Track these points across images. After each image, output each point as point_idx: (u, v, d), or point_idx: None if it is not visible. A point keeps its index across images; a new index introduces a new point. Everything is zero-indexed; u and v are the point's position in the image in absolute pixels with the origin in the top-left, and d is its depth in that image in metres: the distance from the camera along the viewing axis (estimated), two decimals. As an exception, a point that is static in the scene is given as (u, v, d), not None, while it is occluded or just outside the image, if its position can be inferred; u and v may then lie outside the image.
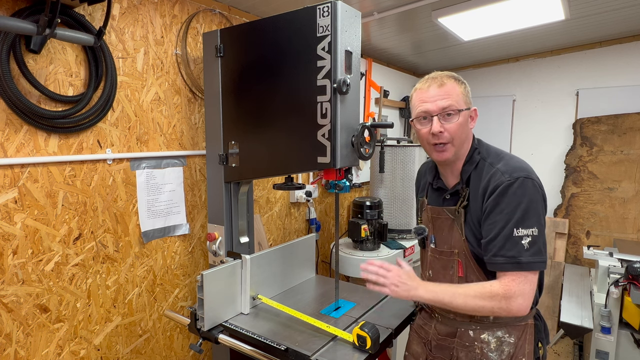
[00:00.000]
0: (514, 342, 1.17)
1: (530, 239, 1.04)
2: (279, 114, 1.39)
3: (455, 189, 1.22)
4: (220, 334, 1.36)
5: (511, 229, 1.05)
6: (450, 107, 1.13)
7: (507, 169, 1.11)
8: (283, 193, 2.54)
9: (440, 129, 1.14)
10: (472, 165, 1.19)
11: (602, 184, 3.21)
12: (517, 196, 1.06)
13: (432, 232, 1.29)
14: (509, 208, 1.06)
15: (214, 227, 1.63)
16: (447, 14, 2.33)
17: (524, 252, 1.04)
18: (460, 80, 1.19)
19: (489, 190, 1.11)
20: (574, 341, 3.04)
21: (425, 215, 1.33)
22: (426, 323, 1.35)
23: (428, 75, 1.21)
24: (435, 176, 1.31)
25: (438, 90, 1.15)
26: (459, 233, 1.19)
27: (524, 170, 1.09)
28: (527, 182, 1.07)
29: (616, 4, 2.41)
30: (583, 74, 3.33)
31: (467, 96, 1.18)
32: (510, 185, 1.07)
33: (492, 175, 1.12)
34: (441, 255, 1.25)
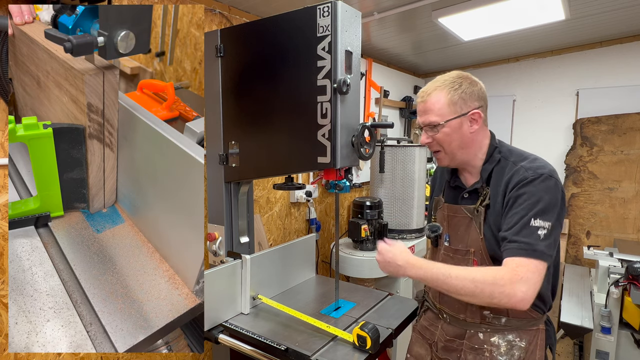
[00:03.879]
0: (525, 346, 1.15)
1: (546, 232, 1.04)
2: (279, 114, 1.40)
3: (474, 187, 1.22)
4: (220, 334, 1.36)
5: (529, 219, 1.05)
6: (430, 122, 1.18)
7: (531, 166, 1.12)
8: (283, 193, 2.54)
9: (428, 140, 1.21)
10: (493, 164, 1.20)
11: (603, 184, 3.21)
12: (540, 190, 1.07)
13: (447, 231, 1.29)
14: (531, 200, 1.07)
15: (214, 227, 1.63)
16: (447, 14, 2.33)
17: (539, 242, 1.03)
18: (450, 88, 1.16)
19: (511, 185, 1.12)
20: (574, 341, 3.04)
21: (440, 213, 1.33)
22: (432, 324, 1.33)
23: (425, 85, 1.24)
24: (453, 175, 1.32)
25: (422, 106, 1.21)
26: (477, 232, 1.18)
27: (548, 169, 1.11)
28: (550, 180, 1.08)
29: (616, 4, 2.41)
30: (583, 74, 3.33)
31: (458, 103, 1.16)
32: (534, 180, 1.08)
33: (515, 172, 1.13)
34: (455, 254, 1.24)
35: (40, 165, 1.37)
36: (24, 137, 1.29)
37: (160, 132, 1.31)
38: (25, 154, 1.71)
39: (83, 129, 1.42)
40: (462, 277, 1.05)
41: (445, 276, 1.07)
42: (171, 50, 2.25)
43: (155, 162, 1.38)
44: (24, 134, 1.29)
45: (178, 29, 2.17)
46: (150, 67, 2.38)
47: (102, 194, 1.59)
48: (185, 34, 2.14)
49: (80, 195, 1.54)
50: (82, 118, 1.40)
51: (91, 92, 1.35)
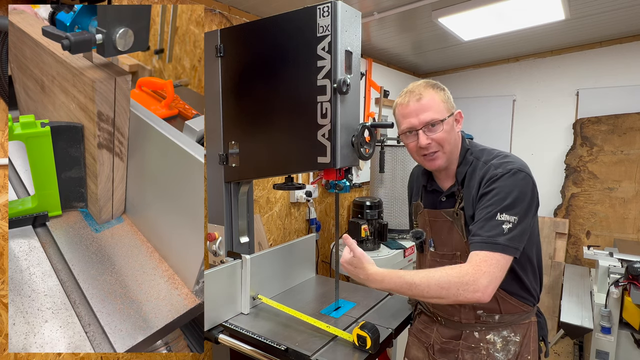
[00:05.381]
0: (520, 340, 1.17)
1: (511, 225, 1.04)
2: (279, 114, 1.39)
3: (451, 190, 1.22)
4: (220, 334, 1.36)
5: (495, 213, 1.06)
6: (432, 119, 1.15)
7: (500, 162, 1.13)
8: (283, 193, 2.54)
9: (428, 141, 1.16)
10: (467, 166, 1.20)
11: (602, 184, 3.21)
12: (507, 185, 1.07)
13: (431, 236, 1.28)
14: (498, 196, 1.07)
15: (214, 227, 1.63)
16: (447, 14, 2.33)
17: (502, 235, 1.04)
18: (439, 87, 1.18)
19: (483, 182, 1.13)
20: (574, 341, 3.04)
21: (421, 218, 1.32)
22: (427, 327, 1.33)
23: (406, 88, 1.21)
24: (429, 179, 1.31)
25: (417, 104, 1.16)
26: (460, 235, 1.19)
27: (518, 164, 1.11)
28: (519, 174, 1.09)
29: (616, 4, 2.41)
30: (583, 74, 3.33)
31: (448, 102, 1.18)
32: (502, 175, 1.09)
33: (486, 171, 1.14)
34: (442, 259, 1.24)
35: (38, 164, 1.36)
36: (21, 135, 1.28)
37: (159, 131, 1.31)
38: (23, 153, 1.70)
39: (81, 127, 1.40)
40: (426, 283, 1.04)
41: (409, 284, 1.06)
42: (170, 48, 2.24)
43: (154, 162, 1.37)
44: (22, 133, 1.28)
45: (177, 26, 2.17)
46: (149, 65, 2.37)
47: (111, 204, 1.53)
48: (184, 31, 2.13)
49: (78, 194, 1.53)
50: (91, 127, 1.35)
51: (102, 100, 1.28)
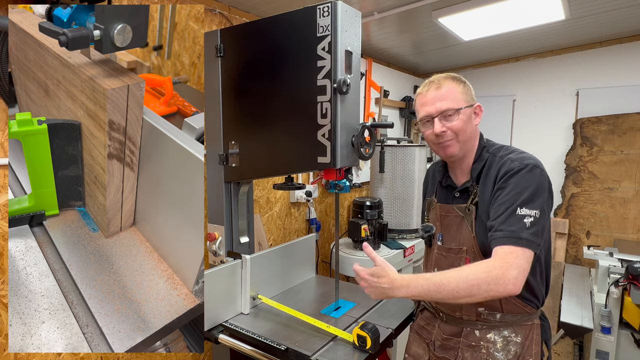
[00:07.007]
0: (521, 341, 1.17)
1: (532, 220, 1.05)
2: (279, 114, 1.39)
3: (465, 186, 1.24)
4: (221, 334, 1.35)
5: (515, 208, 1.07)
6: (448, 109, 1.17)
7: (517, 157, 1.15)
8: (283, 193, 2.54)
9: (443, 129, 1.18)
10: (482, 162, 1.21)
11: (602, 184, 3.21)
12: (526, 180, 1.09)
13: (440, 230, 1.30)
14: (517, 190, 1.08)
15: (214, 227, 1.63)
16: (447, 14, 2.33)
17: (525, 230, 1.04)
18: (460, 80, 1.21)
19: (499, 176, 1.14)
20: (574, 341, 3.04)
21: (433, 213, 1.34)
22: (429, 323, 1.34)
23: (428, 79, 1.24)
24: (445, 174, 1.33)
25: (436, 93, 1.19)
26: (469, 230, 1.20)
27: (534, 160, 1.13)
28: (536, 170, 1.11)
29: (616, 4, 2.41)
30: (583, 74, 3.32)
31: (468, 94, 1.20)
32: (520, 170, 1.10)
33: (502, 164, 1.15)
34: (449, 253, 1.25)
35: (34, 162, 1.35)
36: (18, 133, 1.26)
37: (159, 130, 1.30)
38: (19, 151, 1.69)
39: (79, 125, 1.38)
40: (455, 282, 1.02)
41: (437, 285, 1.04)
42: (169, 44, 2.23)
43: (155, 163, 1.37)
44: (18, 130, 1.26)
45: (176, 22, 2.15)
46: (148, 62, 2.36)
47: (120, 216, 1.47)
48: (183, 28, 2.12)
49: (76, 193, 1.52)
50: (101, 136, 1.27)
51: (114, 109, 1.21)
